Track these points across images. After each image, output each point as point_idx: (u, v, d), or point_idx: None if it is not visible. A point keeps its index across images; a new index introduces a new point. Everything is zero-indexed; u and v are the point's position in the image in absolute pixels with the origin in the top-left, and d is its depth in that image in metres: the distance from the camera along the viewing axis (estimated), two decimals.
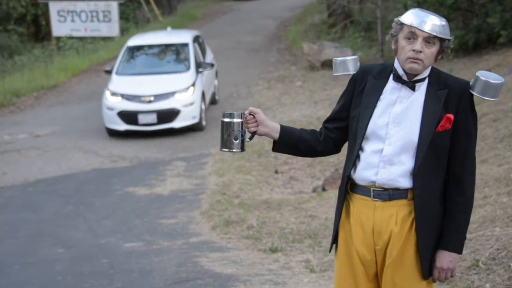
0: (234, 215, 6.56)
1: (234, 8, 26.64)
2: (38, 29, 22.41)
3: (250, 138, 2.77)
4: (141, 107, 10.24)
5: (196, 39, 11.76)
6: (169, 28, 13.46)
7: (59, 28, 19.59)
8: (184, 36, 11.73)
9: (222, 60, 16.26)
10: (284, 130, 2.80)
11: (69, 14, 19.55)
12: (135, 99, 10.31)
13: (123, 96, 10.36)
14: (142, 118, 10.20)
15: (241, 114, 2.73)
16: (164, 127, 10.25)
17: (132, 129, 10.24)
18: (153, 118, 10.19)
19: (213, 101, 11.97)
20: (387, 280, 2.70)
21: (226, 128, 2.72)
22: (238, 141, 2.71)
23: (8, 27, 21.00)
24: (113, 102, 10.35)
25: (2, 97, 13.59)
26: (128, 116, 10.22)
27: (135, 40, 11.81)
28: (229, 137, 2.71)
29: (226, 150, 2.74)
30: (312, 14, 20.61)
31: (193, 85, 10.49)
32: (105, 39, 19.49)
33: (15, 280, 5.48)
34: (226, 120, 2.72)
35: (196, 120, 10.37)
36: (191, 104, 10.32)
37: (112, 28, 19.63)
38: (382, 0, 14.11)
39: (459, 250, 2.70)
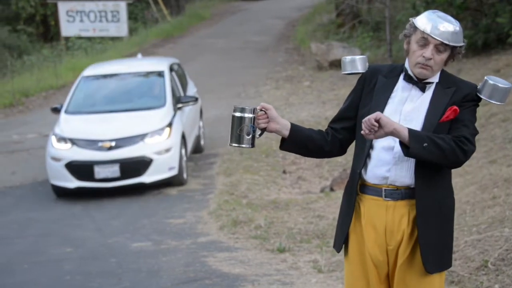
0: (242, 215, 6.56)
1: (242, 8, 26.64)
2: (47, 29, 22.49)
3: (260, 135, 2.73)
4: (98, 156, 7.61)
5: (173, 68, 9.09)
6: (139, 55, 10.65)
7: (67, 28, 19.67)
8: (158, 64, 9.14)
9: (230, 60, 16.26)
10: (294, 128, 2.77)
11: (77, 14, 19.62)
12: (90, 146, 7.70)
13: (73, 141, 7.76)
14: (99, 171, 7.58)
15: (253, 109, 2.68)
16: (129, 183, 7.63)
17: (86, 186, 7.65)
18: (114, 170, 7.58)
19: (198, 149, 9.19)
20: (399, 280, 2.70)
21: (237, 123, 2.66)
22: (249, 136, 2.66)
23: (17, 27, 21.09)
24: (60, 150, 7.74)
25: (11, 97, 13.66)
26: (80, 169, 7.63)
27: (94, 69, 9.15)
28: (241, 132, 2.65)
29: (236, 145, 2.68)
30: (320, 14, 20.58)
31: (170, 125, 7.93)
32: (113, 39, 19.54)
33: (24, 279, 5.51)
34: (238, 114, 2.66)
35: (174, 172, 7.76)
36: (167, 150, 7.76)
37: (120, 28, 19.69)
38: (391, 0, 14.08)
39: (411, 132, 2.55)
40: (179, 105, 8.36)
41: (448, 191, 2.74)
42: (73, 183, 7.69)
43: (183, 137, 8.16)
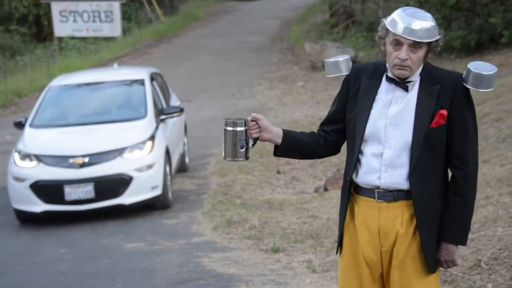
0: (236, 215, 6.56)
1: (236, 8, 26.64)
2: (40, 30, 22.43)
3: (253, 145, 2.74)
4: (69, 174, 6.70)
5: (154, 77, 8.15)
6: (115, 65, 9.67)
7: (61, 28, 19.62)
8: (137, 72, 8.31)
9: (224, 60, 16.26)
10: (286, 135, 2.78)
11: (71, 14, 19.57)
12: (60, 163, 6.77)
13: (39, 158, 6.82)
14: (70, 192, 6.66)
15: (245, 121, 2.69)
16: (106, 205, 6.74)
17: (55, 209, 6.74)
18: (88, 191, 6.67)
19: (182, 168, 8.32)
20: (394, 281, 2.71)
21: (230, 137, 2.67)
22: (243, 149, 2.67)
23: (10, 27, 21.03)
24: (24, 169, 6.81)
25: (4, 97, 13.62)
26: (48, 190, 6.72)
27: (64, 79, 8.31)
28: (234, 146, 2.66)
29: (230, 159, 2.70)
30: (314, 14, 20.61)
31: (152, 138, 7.05)
32: (107, 39, 19.51)
33: (17, 280, 5.50)
34: (230, 129, 2.67)
35: (157, 192, 6.88)
36: (149, 167, 6.87)
37: (114, 28, 19.65)
38: (384, 0, 14.11)
39: (456, 242, 2.70)
40: (162, 117, 7.45)
41: (444, 192, 2.72)
42: (39, 206, 6.72)
43: (167, 153, 7.20)
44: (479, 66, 2.64)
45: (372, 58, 13.69)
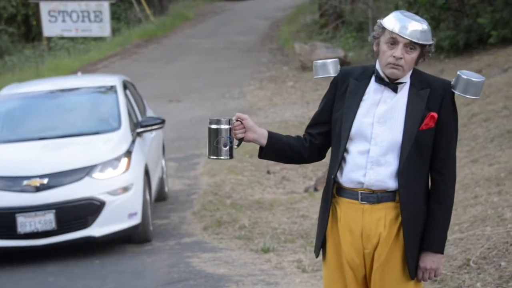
0: (226, 216, 6.57)
1: (226, 8, 26.63)
2: (29, 29, 22.31)
3: (238, 145, 2.74)
4: (23, 200, 5.47)
5: (127, 86, 6.94)
6: (79, 73, 8.58)
7: (50, 28, 19.53)
8: (107, 79, 7.29)
9: (214, 60, 16.25)
10: (272, 136, 2.78)
11: (60, 14, 19.49)
12: (11, 186, 5.55)
13: None
14: (24, 223, 5.43)
15: (229, 120, 2.69)
16: (70, 238, 5.58)
17: (4, 245, 5.57)
18: (47, 220, 5.43)
19: (161, 196, 7.05)
20: (376, 284, 2.72)
21: (214, 135, 2.67)
22: (227, 148, 2.68)
23: None
24: None
25: None
26: None
27: (17, 87, 7.04)
28: (217, 144, 2.66)
29: (214, 157, 2.69)
30: (304, 14, 20.63)
31: (128, 154, 5.87)
32: (96, 39, 19.45)
33: (7, 281, 5.47)
34: (214, 126, 2.67)
35: (135, 221, 5.71)
36: (126, 189, 5.69)
37: (103, 28, 19.59)
38: (374, 1, 14.16)
39: (441, 250, 2.72)
40: (140, 130, 6.28)
41: (426, 196, 2.74)
42: None
43: (147, 173, 6.04)
44: (469, 74, 2.70)
45: (361, 58, 13.73)
